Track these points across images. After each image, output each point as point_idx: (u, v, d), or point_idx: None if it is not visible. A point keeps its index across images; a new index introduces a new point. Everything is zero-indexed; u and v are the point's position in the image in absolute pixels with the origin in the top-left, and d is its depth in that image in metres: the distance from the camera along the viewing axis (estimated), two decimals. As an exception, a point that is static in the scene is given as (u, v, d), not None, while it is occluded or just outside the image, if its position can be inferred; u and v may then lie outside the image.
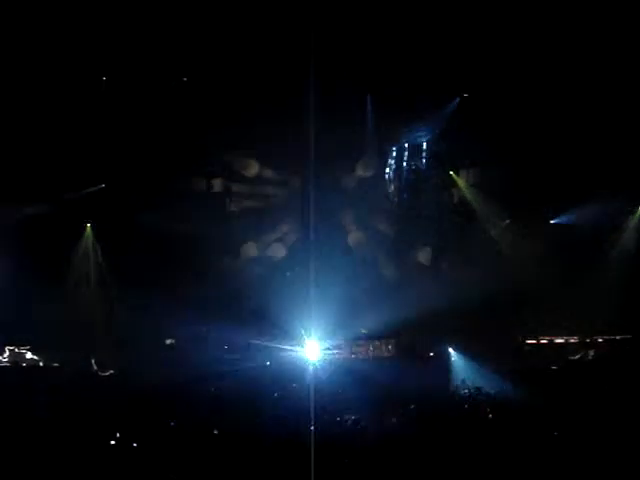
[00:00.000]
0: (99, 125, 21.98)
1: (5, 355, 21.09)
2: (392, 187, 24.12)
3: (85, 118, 21.87)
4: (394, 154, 24.08)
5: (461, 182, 23.93)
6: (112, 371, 20.31)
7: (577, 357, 22.68)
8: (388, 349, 22.87)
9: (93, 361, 20.70)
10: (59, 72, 21.20)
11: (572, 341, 23.11)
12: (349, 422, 14.20)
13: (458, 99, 22.97)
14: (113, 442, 12.08)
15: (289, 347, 22.68)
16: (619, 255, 23.63)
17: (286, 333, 22.49)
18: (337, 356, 22.62)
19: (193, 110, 22.11)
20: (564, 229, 23.60)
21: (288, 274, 23.53)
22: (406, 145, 23.96)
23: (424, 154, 23.67)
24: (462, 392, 17.44)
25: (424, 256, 23.93)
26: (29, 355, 21.23)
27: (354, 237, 23.93)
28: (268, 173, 23.69)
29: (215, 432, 12.94)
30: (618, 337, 22.90)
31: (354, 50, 21.46)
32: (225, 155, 23.15)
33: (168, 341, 22.44)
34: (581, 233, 23.40)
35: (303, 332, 22.48)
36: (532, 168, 23.05)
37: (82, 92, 21.69)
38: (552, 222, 23.78)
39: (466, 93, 22.98)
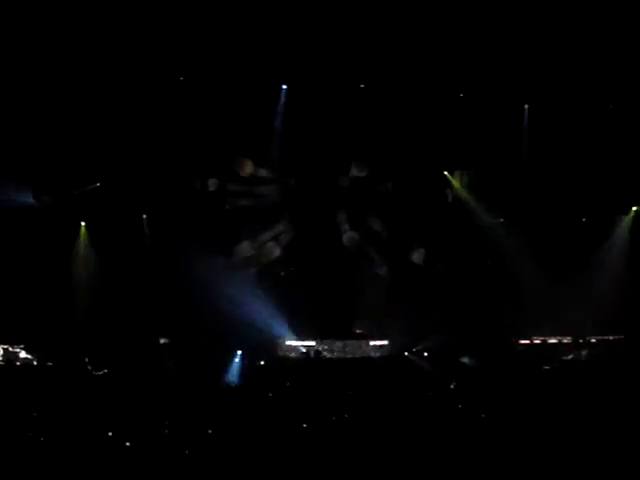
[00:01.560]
0: (96, 124, 21.94)
1: (-1, 354, 21.08)
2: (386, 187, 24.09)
3: (81, 116, 21.84)
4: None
5: (455, 182, 23.96)
6: (106, 370, 20.31)
7: (570, 357, 22.75)
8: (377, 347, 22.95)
9: (87, 360, 20.69)
10: (57, 70, 21.18)
11: (565, 341, 23.17)
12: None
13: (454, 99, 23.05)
14: (109, 442, 12.08)
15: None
16: (613, 255, 23.68)
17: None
18: (328, 355, 22.71)
19: (188, 109, 22.12)
20: (558, 228, 23.65)
21: (282, 274, 23.58)
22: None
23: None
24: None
25: (418, 256, 23.97)
26: (23, 354, 21.19)
27: (348, 237, 23.97)
28: (263, 172, 23.70)
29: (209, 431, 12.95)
30: (611, 337, 22.95)
31: (349, 47, 21.48)
32: (220, 154, 23.11)
33: (162, 340, 22.44)
34: (575, 232, 23.48)
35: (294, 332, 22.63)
36: (527, 168, 23.12)
37: (78, 90, 21.66)
38: (546, 221, 23.84)
39: (461, 93, 23.00)
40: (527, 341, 23.06)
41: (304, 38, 21.20)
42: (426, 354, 22.40)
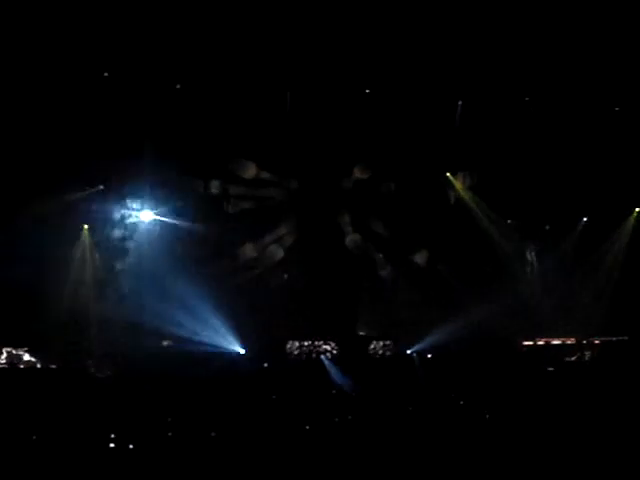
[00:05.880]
0: (99, 126, 21.97)
1: (3, 357, 21.05)
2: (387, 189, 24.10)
3: (83, 119, 21.86)
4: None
5: (458, 184, 23.98)
6: (109, 373, 20.32)
7: (574, 358, 22.76)
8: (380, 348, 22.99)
9: (90, 363, 20.71)
10: (59, 72, 21.21)
11: (569, 342, 23.17)
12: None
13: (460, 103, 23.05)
14: (112, 445, 12.10)
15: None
16: (615, 257, 23.69)
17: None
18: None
19: (192, 112, 22.14)
20: (561, 231, 23.70)
21: (286, 276, 23.60)
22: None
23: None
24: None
25: (421, 258, 23.98)
26: (27, 357, 21.20)
27: (351, 239, 23.97)
28: (266, 175, 23.72)
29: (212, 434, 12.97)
30: (615, 338, 22.96)
31: (352, 50, 21.50)
32: (223, 157, 23.14)
33: (165, 342, 22.45)
34: (578, 235, 23.52)
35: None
36: (529, 170, 23.13)
37: (80, 92, 21.68)
38: (548, 223, 23.86)
39: (465, 97, 23.02)
40: (530, 342, 23.07)
41: (308, 41, 21.21)
42: (429, 355, 22.42)
